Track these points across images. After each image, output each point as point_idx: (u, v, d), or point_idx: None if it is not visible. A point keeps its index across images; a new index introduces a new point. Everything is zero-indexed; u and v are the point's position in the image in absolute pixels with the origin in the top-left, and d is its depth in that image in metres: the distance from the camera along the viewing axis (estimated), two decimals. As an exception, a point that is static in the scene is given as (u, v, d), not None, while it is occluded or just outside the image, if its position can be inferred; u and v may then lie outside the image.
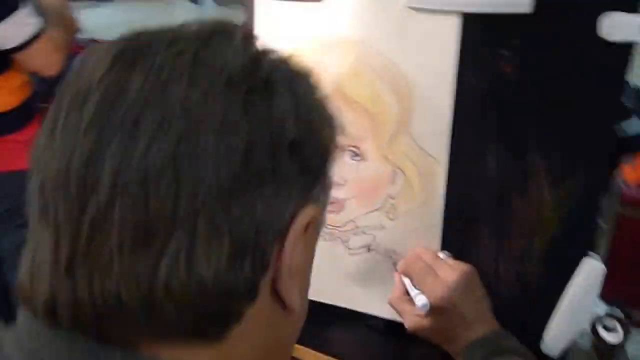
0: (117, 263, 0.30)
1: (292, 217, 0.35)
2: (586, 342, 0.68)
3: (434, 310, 0.65)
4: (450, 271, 0.67)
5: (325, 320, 0.84)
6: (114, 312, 0.30)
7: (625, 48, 0.59)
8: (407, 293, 0.69)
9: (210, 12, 2.77)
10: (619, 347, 0.67)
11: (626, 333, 0.67)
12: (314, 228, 0.38)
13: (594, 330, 0.68)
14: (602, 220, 1.13)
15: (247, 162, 0.31)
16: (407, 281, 0.70)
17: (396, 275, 0.72)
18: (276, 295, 0.36)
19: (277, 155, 0.33)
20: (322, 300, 0.81)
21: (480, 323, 0.66)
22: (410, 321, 0.68)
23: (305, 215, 0.35)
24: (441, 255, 0.70)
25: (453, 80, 0.65)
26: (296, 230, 0.35)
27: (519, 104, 0.64)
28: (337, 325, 0.83)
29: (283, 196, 0.34)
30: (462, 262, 0.69)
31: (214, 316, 0.33)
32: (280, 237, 0.34)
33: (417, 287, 0.68)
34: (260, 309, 0.35)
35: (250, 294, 0.34)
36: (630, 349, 0.65)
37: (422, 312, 0.66)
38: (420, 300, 0.66)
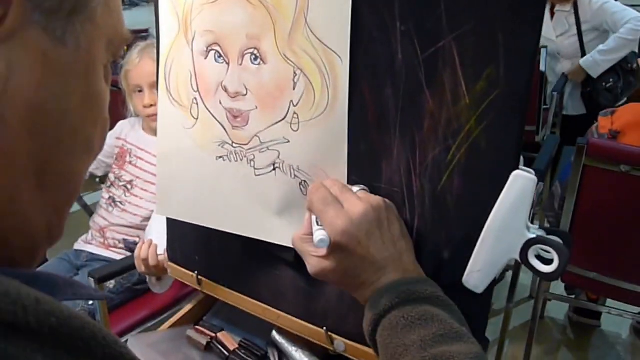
0: None
1: None
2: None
3: (336, 248, 0.54)
4: (357, 203, 0.55)
5: (235, 256, 0.75)
6: None
7: None
8: None
9: None
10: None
11: (562, 263, 0.55)
12: (32, 32, 0.26)
13: (525, 260, 0.56)
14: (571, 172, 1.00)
15: None
16: (313, 217, 0.59)
17: (306, 214, 0.61)
18: None
19: None
20: (228, 230, 0.72)
21: (395, 267, 0.53)
22: (311, 264, 0.57)
23: None
24: (355, 188, 0.59)
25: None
26: None
27: (427, -21, 0.53)
28: (247, 260, 0.74)
29: None
30: (375, 196, 0.57)
31: None
32: None
33: (319, 222, 0.57)
34: None
35: None
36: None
37: (321, 251, 0.55)
38: (318, 235, 0.54)
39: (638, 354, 1.32)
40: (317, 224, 0.57)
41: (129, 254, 1.42)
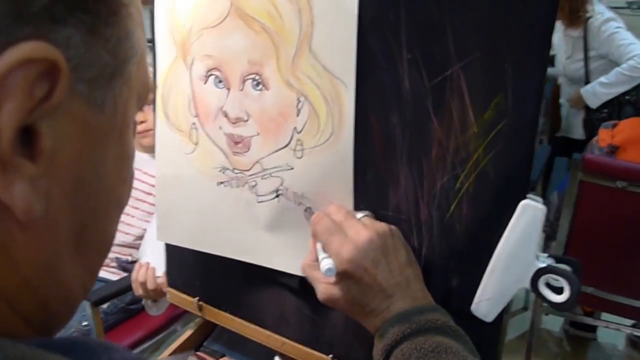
0: None
1: None
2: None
3: (343, 276, 0.53)
4: (362, 230, 0.54)
5: (238, 281, 0.74)
6: None
7: None
8: None
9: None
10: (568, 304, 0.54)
11: (574, 292, 0.54)
12: (75, 102, 0.25)
13: (536, 289, 0.55)
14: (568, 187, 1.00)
15: None
16: (318, 244, 0.58)
17: (311, 240, 0.60)
18: None
19: None
20: (230, 256, 0.71)
21: (403, 294, 0.53)
22: (320, 291, 0.57)
23: (19, 51, 0.22)
24: (359, 215, 0.59)
25: (357, -17, 0.54)
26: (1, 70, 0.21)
27: (435, 3, 0.52)
28: (249, 286, 0.73)
29: None
30: (381, 222, 0.57)
31: None
32: None
33: (325, 249, 0.57)
34: None
35: None
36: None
37: (329, 280, 0.55)
38: (325, 264, 0.54)
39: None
40: (323, 252, 0.56)
41: (122, 273, 1.40)
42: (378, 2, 0.54)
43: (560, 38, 2.54)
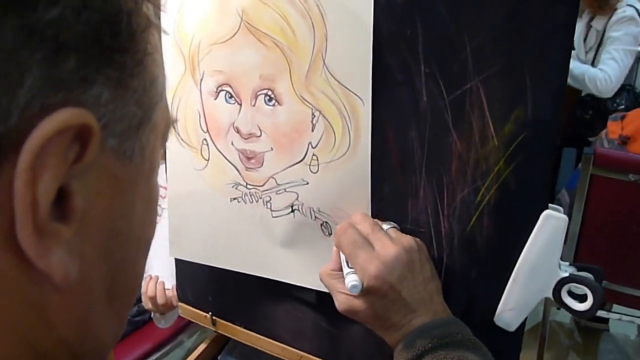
0: None
1: (29, 123, 0.21)
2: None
3: (367, 291, 0.53)
4: (389, 245, 0.54)
5: (252, 295, 0.73)
6: None
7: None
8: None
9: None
10: (590, 313, 0.55)
11: (597, 300, 0.54)
12: (105, 169, 0.24)
13: (559, 299, 0.55)
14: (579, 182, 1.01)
15: None
16: (343, 256, 0.58)
17: (335, 248, 0.60)
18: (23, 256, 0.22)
19: None
20: (246, 271, 0.70)
21: (426, 309, 0.53)
22: (341, 301, 0.56)
23: (55, 121, 0.21)
24: (385, 226, 0.58)
25: (372, -3, 0.53)
26: (35, 145, 0.21)
27: (451, 19, 0.52)
28: (264, 300, 0.73)
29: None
30: (407, 235, 0.56)
31: None
32: (9, 155, 0.21)
33: (349, 263, 0.56)
34: None
35: None
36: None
37: (350, 291, 0.54)
38: (351, 280, 0.53)
39: (649, 355, 1.34)
40: (348, 266, 0.56)
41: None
42: (394, 17, 0.54)
43: (580, 33, 2.37)
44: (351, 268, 0.55)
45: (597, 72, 2.14)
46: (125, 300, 0.30)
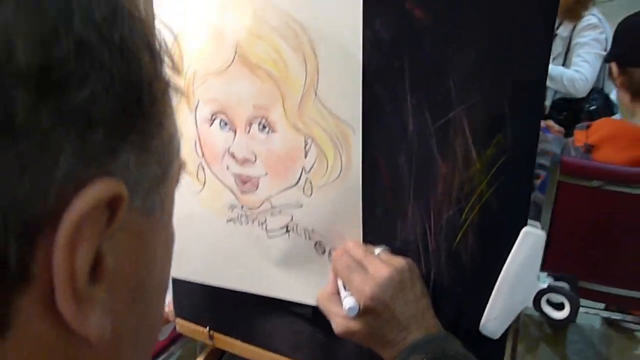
0: None
1: (65, 199, 0.22)
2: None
3: (363, 312, 0.57)
4: (382, 267, 0.58)
5: (250, 310, 0.77)
6: None
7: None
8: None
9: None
10: (568, 321, 0.59)
11: (574, 308, 0.59)
12: (132, 227, 0.26)
13: (539, 307, 0.60)
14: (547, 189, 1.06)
15: None
16: (340, 281, 0.61)
17: (331, 271, 0.64)
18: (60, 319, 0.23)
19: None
20: (243, 289, 0.73)
21: (418, 325, 0.56)
22: (337, 324, 0.59)
23: (90, 196, 0.22)
24: (377, 250, 0.62)
25: (360, 33, 0.57)
26: (73, 221, 0.22)
27: (435, 53, 0.56)
28: (262, 314, 0.76)
29: (31, 162, 0.21)
30: (398, 257, 0.60)
31: None
32: (46, 230, 0.22)
33: (345, 286, 0.60)
34: (32, 338, 0.22)
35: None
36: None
37: (347, 314, 0.58)
38: (348, 303, 0.57)
39: (612, 343, 1.41)
40: (345, 289, 0.59)
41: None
42: (382, 51, 0.57)
43: None
44: (347, 291, 0.59)
45: (574, 73, 2.25)
46: (151, 337, 0.31)
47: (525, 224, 0.58)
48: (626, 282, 1.09)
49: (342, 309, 0.58)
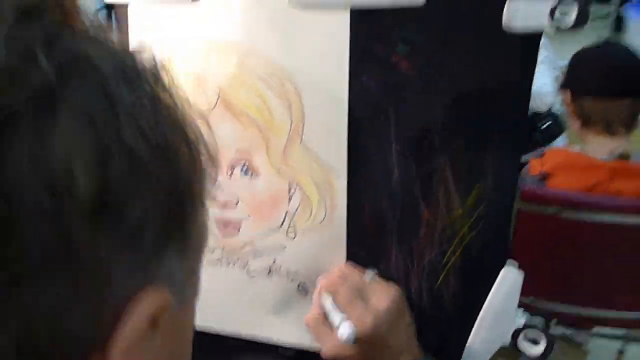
0: None
1: (116, 319, 0.22)
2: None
3: (360, 340, 0.57)
4: (382, 297, 0.59)
5: (230, 352, 0.76)
6: None
7: (532, 38, 0.53)
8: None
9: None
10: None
11: (549, 344, 0.62)
12: (170, 321, 0.26)
13: (515, 344, 0.63)
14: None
15: None
16: (328, 302, 0.61)
17: (316, 293, 0.63)
18: None
19: (64, 221, 0.20)
20: (223, 331, 0.73)
21: (408, 351, 0.59)
22: (328, 347, 0.60)
23: (141, 312, 0.23)
24: (367, 275, 0.63)
25: (346, 82, 0.58)
26: (124, 339, 0.22)
27: (419, 104, 0.57)
28: (243, 357, 0.75)
29: (85, 288, 0.21)
30: (390, 284, 0.61)
31: None
32: (96, 352, 0.22)
33: (342, 311, 0.60)
34: None
35: None
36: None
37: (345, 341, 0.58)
38: (345, 330, 0.56)
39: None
40: (336, 313, 0.59)
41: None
42: (367, 100, 0.58)
43: None
44: (341, 316, 0.58)
45: (539, 88, 2.35)
46: None
47: (504, 264, 0.61)
48: (582, 301, 1.15)
49: (336, 334, 0.57)
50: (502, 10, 0.52)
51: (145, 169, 0.23)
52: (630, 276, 1.13)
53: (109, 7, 0.67)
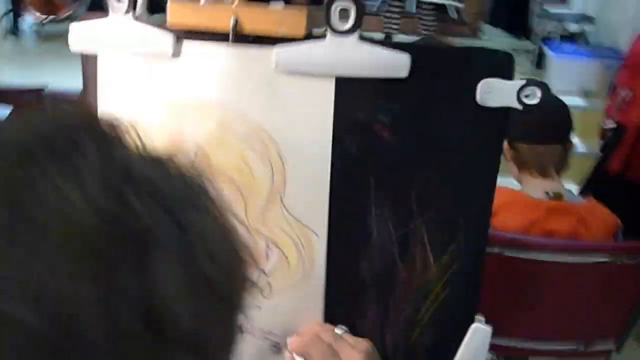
0: None
1: None
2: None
3: None
4: (354, 353, 0.59)
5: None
6: None
7: (502, 112, 0.57)
8: None
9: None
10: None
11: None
12: None
13: (483, 396, 0.65)
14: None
15: None
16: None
17: (287, 355, 0.63)
18: None
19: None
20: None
21: None
22: None
23: None
24: (338, 331, 0.63)
25: (329, 146, 0.59)
26: None
27: (398, 170, 0.60)
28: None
29: None
30: (360, 339, 0.62)
31: None
32: None
33: None
34: None
35: None
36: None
37: None
38: None
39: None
40: None
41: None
42: (349, 165, 0.60)
43: None
44: None
45: None
46: None
47: (473, 320, 0.64)
48: (517, 333, 1.22)
49: None
50: (477, 86, 0.56)
51: (219, 295, 0.24)
52: (562, 309, 1.21)
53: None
